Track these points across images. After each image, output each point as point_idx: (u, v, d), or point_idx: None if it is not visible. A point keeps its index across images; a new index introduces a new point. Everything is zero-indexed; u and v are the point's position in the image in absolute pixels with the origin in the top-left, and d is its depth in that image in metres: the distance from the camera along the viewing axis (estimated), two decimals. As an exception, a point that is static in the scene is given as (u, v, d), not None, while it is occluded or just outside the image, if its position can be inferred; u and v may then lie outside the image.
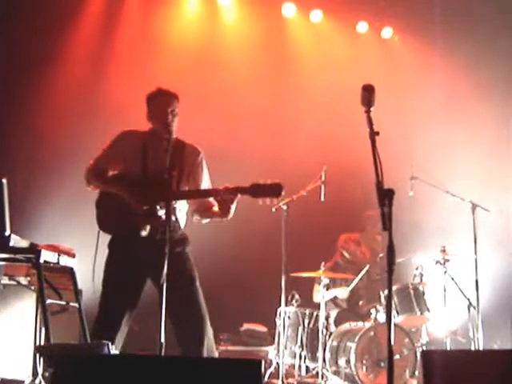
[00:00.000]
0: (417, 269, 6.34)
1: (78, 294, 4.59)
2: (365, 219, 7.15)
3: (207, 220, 4.44)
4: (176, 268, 3.92)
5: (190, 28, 8.03)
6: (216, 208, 4.25)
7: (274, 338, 6.40)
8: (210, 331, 4.25)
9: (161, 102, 4.30)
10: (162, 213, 4.11)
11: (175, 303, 4.02)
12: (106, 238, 4.32)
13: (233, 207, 4.12)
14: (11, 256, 4.11)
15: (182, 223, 4.39)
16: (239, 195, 4.05)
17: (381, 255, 6.86)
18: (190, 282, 4.25)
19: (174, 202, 4.18)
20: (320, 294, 6.14)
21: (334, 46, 8.48)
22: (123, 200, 4.17)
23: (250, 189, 3.99)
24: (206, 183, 4.44)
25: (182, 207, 4.34)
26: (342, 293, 6.70)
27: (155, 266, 3.79)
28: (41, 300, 4.05)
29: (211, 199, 4.29)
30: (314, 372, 6.07)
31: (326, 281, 6.16)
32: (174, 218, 4.22)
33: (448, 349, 5.92)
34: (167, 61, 7.56)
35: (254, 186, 3.98)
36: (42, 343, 5.03)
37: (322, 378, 5.86)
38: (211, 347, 4.24)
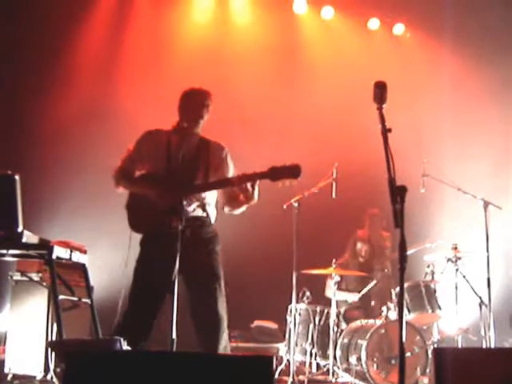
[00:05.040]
0: (428, 266, 6.31)
1: (90, 290, 4.62)
2: (369, 216, 7.13)
3: (239, 210, 4.43)
4: (204, 267, 4.17)
5: (200, 26, 8.02)
6: (242, 196, 4.30)
7: (284, 335, 6.40)
8: (225, 333, 4.28)
9: (199, 97, 4.39)
10: (191, 208, 4.22)
11: (197, 302, 4.20)
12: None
13: (256, 191, 4.18)
14: (24, 252, 4.14)
15: (213, 218, 4.42)
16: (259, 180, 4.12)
17: (387, 251, 6.85)
18: (215, 283, 4.28)
19: (202, 196, 4.28)
20: (331, 291, 6.14)
21: (346, 42, 8.46)
22: (150, 199, 4.22)
23: (269, 173, 4.05)
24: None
25: (210, 201, 4.38)
26: (353, 298, 6.69)
27: (186, 261, 3.90)
28: (53, 296, 4.07)
29: (235, 188, 4.32)
30: (325, 369, 6.06)
31: (337, 278, 6.16)
32: (204, 214, 4.32)
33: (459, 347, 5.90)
34: (178, 61, 7.57)
35: (273, 169, 4.04)
36: (54, 339, 5.05)
37: (333, 375, 5.87)
38: (225, 348, 4.26)
